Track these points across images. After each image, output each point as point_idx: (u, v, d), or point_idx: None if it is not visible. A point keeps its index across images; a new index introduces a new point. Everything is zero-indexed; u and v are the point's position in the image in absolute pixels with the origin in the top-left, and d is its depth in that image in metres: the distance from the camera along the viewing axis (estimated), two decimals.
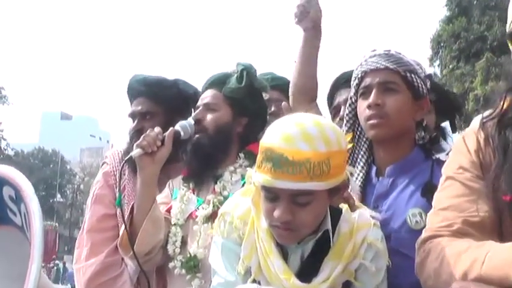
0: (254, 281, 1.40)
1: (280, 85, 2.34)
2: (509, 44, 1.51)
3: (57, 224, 32.54)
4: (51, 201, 52.23)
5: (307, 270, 1.39)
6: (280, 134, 1.29)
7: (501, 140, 1.23)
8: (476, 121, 1.42)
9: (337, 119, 2.01)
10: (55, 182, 52.95)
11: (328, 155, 1.27)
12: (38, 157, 57.60)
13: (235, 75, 1.96)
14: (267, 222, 1.36)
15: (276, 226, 1.33)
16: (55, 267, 23.56)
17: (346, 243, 1.40)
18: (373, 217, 1.48)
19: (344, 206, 1.46)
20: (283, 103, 1.94)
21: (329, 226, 1.39)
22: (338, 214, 1.43)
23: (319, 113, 1.93)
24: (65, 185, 56.32)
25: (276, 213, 1.30)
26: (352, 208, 1.48)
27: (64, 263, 25.10)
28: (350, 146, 1.52)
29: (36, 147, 59.65)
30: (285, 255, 1.40)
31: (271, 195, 1.31)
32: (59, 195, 54.06)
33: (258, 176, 1.31)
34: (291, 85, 2.04)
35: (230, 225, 1.45)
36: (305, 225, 1.34)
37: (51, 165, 56.69)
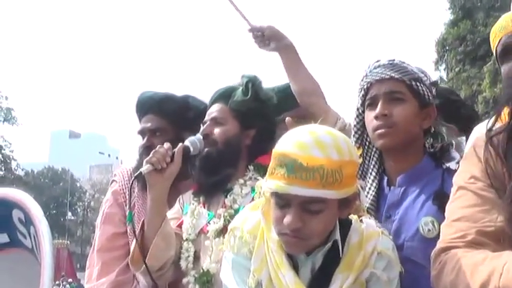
0: None
1: None
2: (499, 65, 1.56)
3: (69, 242, 32.64)
4: (62, 219, 52.49)
5: (318, 283, 1.38)
6: (294, 141, 1.29)
7: None
8: (480, 127, 1.39)
9: None
10: (65, 200, 53.24)
11: (340, 164, 1.27)
12: (48, 176, 58.07)
13: (241, 88, 1.96)
14: (276, 230, 1.35)
15: (285, 234, 1.32)
16: (67, 286, 23.51)
17: (356, 254, 1.39)
18: (378, 226, 1.47)
19: (354, 217, 1.45)
20: (287, 118, 1.95)
21: (338, 237, 1.38)
22: (347, 225, 1.42)
23: (337, 114, 1.97)
24: (75, 203, 56.67)
25: (286, 219, 1.29)
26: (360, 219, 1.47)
27: (79, 280, 25.08)
28: (360, 160, 1.51)
29: (46, 166, 60.13)
30: (295, 267, 1.39)
31: (283, 202, 1.30)
32: (69, 213, 54.31)
33: (270, 182, 1.30)
34: (295, 95, 2.06)
35: (240, 240, 1.45)
36: (314, 234, 1.32)
37: (61, 184, 57.10)
